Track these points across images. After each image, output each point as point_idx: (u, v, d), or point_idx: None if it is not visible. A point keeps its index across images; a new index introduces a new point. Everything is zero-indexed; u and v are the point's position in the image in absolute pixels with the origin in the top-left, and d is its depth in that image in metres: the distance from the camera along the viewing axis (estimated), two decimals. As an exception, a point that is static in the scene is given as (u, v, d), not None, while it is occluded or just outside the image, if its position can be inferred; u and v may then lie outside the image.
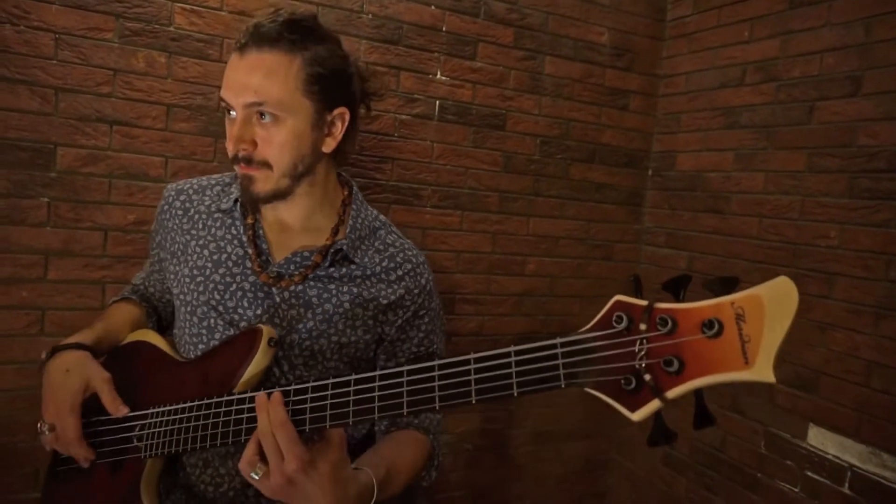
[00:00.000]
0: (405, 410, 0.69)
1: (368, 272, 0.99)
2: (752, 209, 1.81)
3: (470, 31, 1.84)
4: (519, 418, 2.09)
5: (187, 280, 1.00)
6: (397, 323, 1.00)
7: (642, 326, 0.57)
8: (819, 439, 1.59)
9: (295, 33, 0.89)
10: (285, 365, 0.94)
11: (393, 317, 1.00)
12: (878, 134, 1.51)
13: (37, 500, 1.51)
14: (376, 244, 1.03)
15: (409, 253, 1.04)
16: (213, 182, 1.09)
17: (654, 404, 0.55)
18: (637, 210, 2.18)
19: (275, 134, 0.89)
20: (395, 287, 1.00)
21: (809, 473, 1.60)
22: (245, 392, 0.79)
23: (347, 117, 0.95)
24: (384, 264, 1.00)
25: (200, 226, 1.03)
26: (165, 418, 0.83)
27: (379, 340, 1.01)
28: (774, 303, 0.51)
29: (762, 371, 0.50)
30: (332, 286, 0.96)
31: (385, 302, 0.98)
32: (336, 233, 1.00)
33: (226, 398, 0.78)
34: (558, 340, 0.62)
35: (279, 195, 0.94)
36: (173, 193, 1.09)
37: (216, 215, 1.03)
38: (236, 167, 0.93)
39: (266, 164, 0.91)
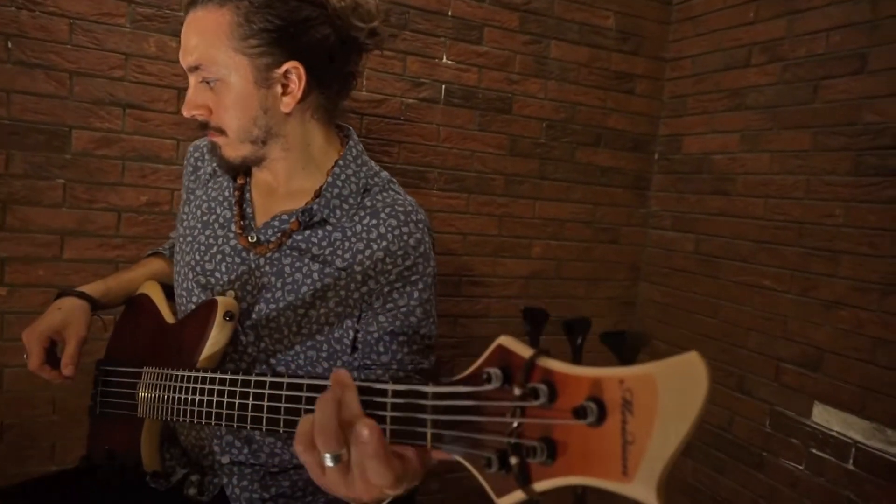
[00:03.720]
0: (282, 429, 0.63)
1: (349, 233, 0.88)
2: (758, 189, 1.81)
3: (476, 15, 1.86)
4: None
5: (181, 240, 1.00)
6: (378, 290, 0.87)
7: (517, 391, 0.43)
8: (824, 417, 1.59)
9: None
10: (251, 335, 0.90)
11: (374, 285, 0.87)
12: (884, 111, 1.51)
13: (54, 472, 1.56)
14: (365, 201, 0.91)
15: (399, 208, 0.89)
16: None
17: (518, 495, 0.43)
18: (643, 193, 2.18)
19: (221, 98, 0.84)
20: (374, 248, 0.87)
21: (814, 451, 1.61)
22: (207, 368, 0.79)
23: (303, 72, 0.84)
24: (365, 221, 0.89)
25: (202, 186, 1.02)
26: (155, 382, 0.84)
27: (360, 315, 0.89)
28: (672, 393, 0.36)
29: (642, 489, 0.36)
30: (307, 256, 0.89)
31: (359, 269, 0.86)
32: (319, 194, 0.90)
33: (192, 374, 0.77)
34: (430, 388, 0.49)
35: (249, 161, 0.90)
36: (191, 149, 1.07)
37: (218, 178, 1.00)
38: None
39: (221, 131, 0.87)
